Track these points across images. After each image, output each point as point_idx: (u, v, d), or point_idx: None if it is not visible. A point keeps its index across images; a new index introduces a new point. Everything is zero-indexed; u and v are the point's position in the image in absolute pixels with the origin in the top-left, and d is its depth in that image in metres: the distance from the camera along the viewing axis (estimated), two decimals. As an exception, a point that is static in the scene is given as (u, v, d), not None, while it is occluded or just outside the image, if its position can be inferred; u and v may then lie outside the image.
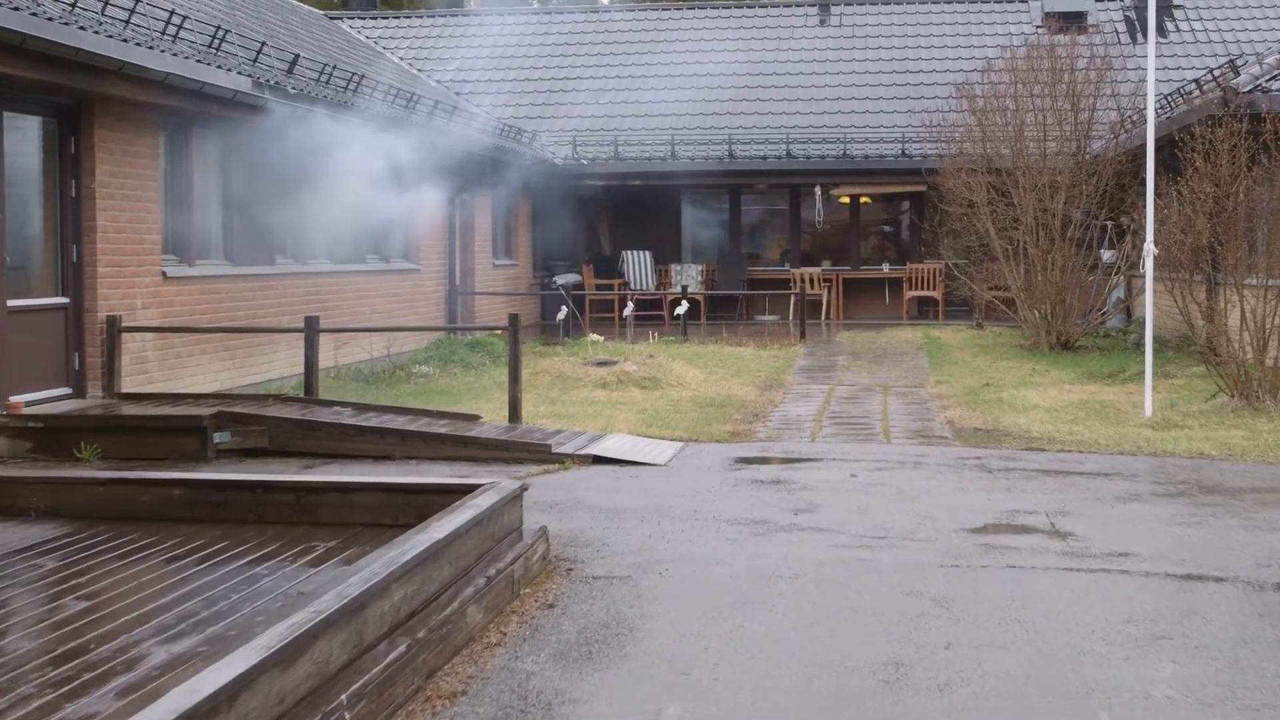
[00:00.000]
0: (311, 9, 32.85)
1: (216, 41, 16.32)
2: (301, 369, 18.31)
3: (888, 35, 34.77)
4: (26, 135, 13.93)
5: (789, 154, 30.67)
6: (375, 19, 37.68)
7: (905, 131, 30.25)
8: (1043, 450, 13.15)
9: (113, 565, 7.44)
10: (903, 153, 30.28)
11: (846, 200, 32.88)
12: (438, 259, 25.05)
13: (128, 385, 14.69)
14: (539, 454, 12.20)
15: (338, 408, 13.74)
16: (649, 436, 13.81)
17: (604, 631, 7.01)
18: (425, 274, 24.34)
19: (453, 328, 19.53)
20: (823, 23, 35.60)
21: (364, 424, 12.57)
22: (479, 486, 8.13)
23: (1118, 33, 33.02)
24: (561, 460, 12.11)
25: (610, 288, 31.26)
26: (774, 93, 32.92)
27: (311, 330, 14.21)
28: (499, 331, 25.17)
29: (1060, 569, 8.34)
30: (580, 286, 30.95)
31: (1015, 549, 8.87)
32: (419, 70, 34.19)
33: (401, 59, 34.71)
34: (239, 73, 16.03)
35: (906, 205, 33.22)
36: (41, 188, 14.07)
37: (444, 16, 37.58)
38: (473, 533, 7.31)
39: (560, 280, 30.42)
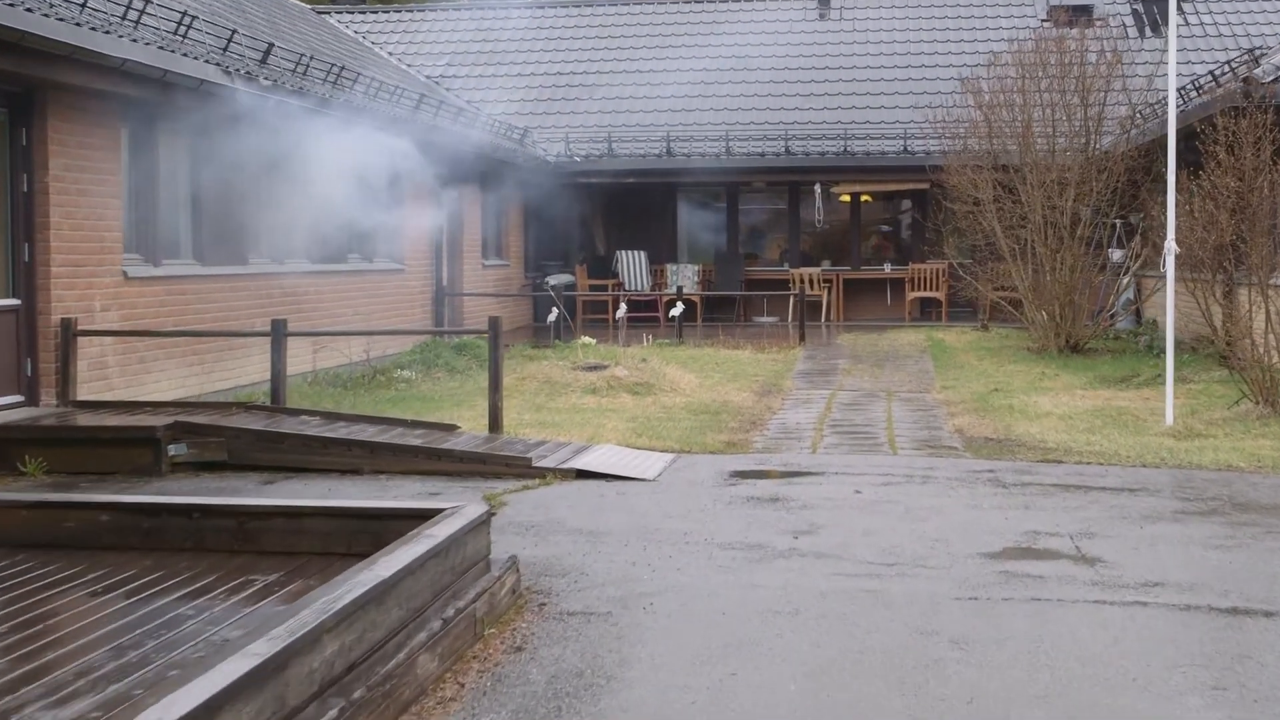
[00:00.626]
0: (299, 2, 31.98)
1: (183, 29, 15.43)
2: (268, 374, 17.56)
3: (889, 28, 33.87)
4: (-28, 126, 13.08)
5: (788, 150, 29.80)
6: (364, 13, 36.80)
7: (908, 127, 29.38)
8: (1060, 463, 12.27)
9: (22, 604, 6.56)
10: (905, 149, 29.41)
11: (847, 198, 32.00)
12: (424, 259, 24.17)
13: (86, 392, 13.81)
14: (518, 468, 11.33)
15: (305, 417, 12.87)
16: (638, 448, 12.93)
17: (577, 682, 6.13)
18: (411, 274, 23.46)
19: (431, 331, 18.67)
20: (822, 16, 34.70)
21: (330, 435, 11.70)
22: (439, 512, 7.26)
23: (1125, 26, 32.12)
24: (543, 475, 11.23)
25: (604, 288, 30.37)
26: (772, 88, 32.02)
27: (278, 334, 13.32)
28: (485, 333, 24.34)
29: (1090, 601, 7.47)
30: (573, 287, 30.07)
31: (1039, 578, 7.99)
32: (408, 65, 33.32)
33: (390, 54, 33.85)
34: (206, 61, 15.14)
35: (909, 203, 32.36)
36: (-9, 182, 13.21)
37: (434, 11, 36.69)
38: (429, 566, 6.45)
39: (553, 281, 29.52)
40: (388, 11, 36.89)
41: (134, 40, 13.59)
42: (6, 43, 11.98)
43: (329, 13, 35.33)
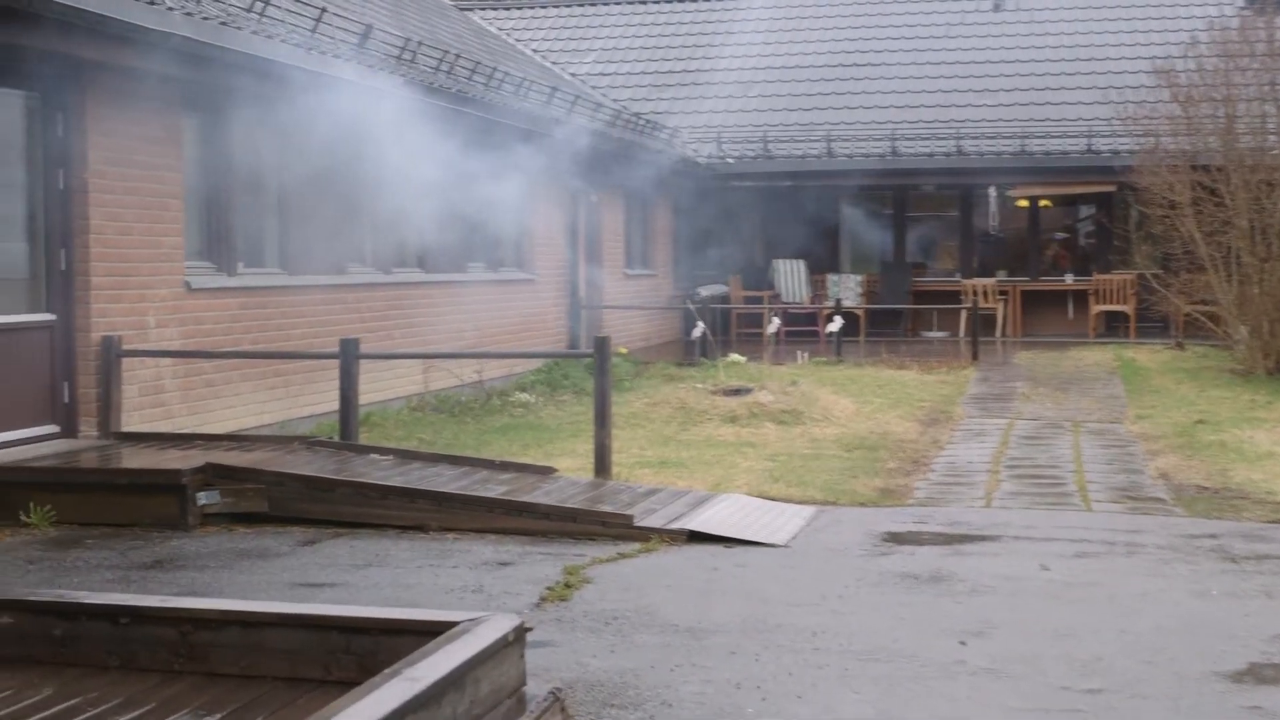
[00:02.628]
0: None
1: (260, 3, 13.49)
2: (376, 397, 15.61)
3: (1070, 17, 31.11)
4: (-2, 112, 11.25)
5: (959, 151, 27.29)
6: (509, 9, 34.97)
7: (1092, 124, 26.73)
8: (1299, 524, 9.81)
9: None
10: (1089, 148, 26.75)
11: (1025, 203, 29.37)
12: (559, 268, 22.12)
13: (139, 421, 11.92)
14: (616, 527, 9.13)
15: (375, 456, 10.82)
16: (773, 497, 10.68)
17: None
18: (543, 285, 21.41)
19: (525, 354, 16.53)
20: (997, 8, 32.09)
21: (389, 484, 9.60)
22: (451, 626, 5.12)
23: (1336, 12, 29.12)
24: (646, 537, 9.02)
25: (759, 300, 28.12)
26: (942, 83, 29.51)
27: (349, 357, 11.29)
28: (622, 349, 22.28)
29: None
30: (726, 299, 27.89)
31: (1310, 722, 5.64)
32: (553, 63, 31.40)
33: (535, 50, 31.97)
34: (284, 41, 13.18)
35: (1093, 208, 29.62)
36: (20, 179, 11.33)
37: (583, 7, 34.75)
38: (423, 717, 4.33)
39: (704, 292, 27.34)
40: (533, 7, 35.03)
41: (186, 14, 11.59)
42: (31, 14, 10.06)
43: (471, 10, 33.60)
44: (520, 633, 5.21)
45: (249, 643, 5.34)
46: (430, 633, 5.15)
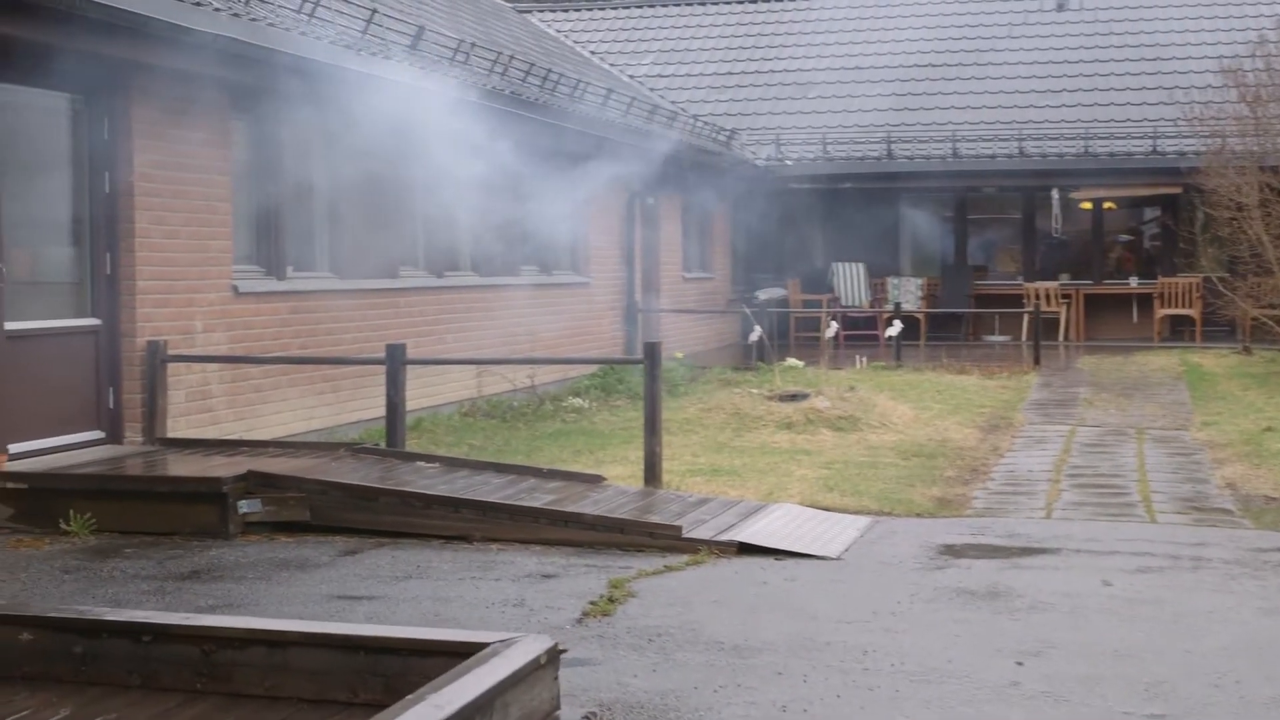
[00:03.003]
0: (501, 2, 30.15)
1: (310, 5, 13.35)
2: (427, 402, 15.45)
3: (1134, 16, 30.64)
4: (43, 114, 11.11)
5: (1021, 152, 26.88)
6: (567, 11, 34.80)
7: (1158, 125, 26.27)
8: (1372, 538, 9.47)
9: None
10: (1154, 149, 26.27)
11: (1088, 205, 28.90)
12: (614, 270, 21.90)
13: (185, 427, 11.79)
14: (664, 539, 8.90)
15: (421, 464, 10.64)
16: (826, 507, 10.44)
17: None
18: (598, 287, 21.20)
19: (572, 360, 16.27)
20: (1060, 7, 31.62)
21: (433, 493, 9.41)
22: (482, 648, 4.91)
23: None
24: (694, 548, 8.79)
25: (818, 304, 27.79)
26: (1004, 84, 29.12)
27: (395, 363, 11.11)
28: (678, 354, 22.05)
29: None
30: (785, 302, 27.60)
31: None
32: (610, 65, 31.20)
33: (593, 53, 31.79)
34: (332, 43, 13.01)
35: (1158, 210, 29.15)
36: (66, 181, 11.22)
37: (640, 8, 34.52)
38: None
39: (763, 295, 27.07)
40: (590, 8, 34.85)
41: (233, 15, 11.44)
42: (74, 15, 9.91)
43: (530, 12, 33.48)
44: (554, 655, 4.99)
45: (273, 663, 5.15)
46: (460, 654, 4.94)
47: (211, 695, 5.19)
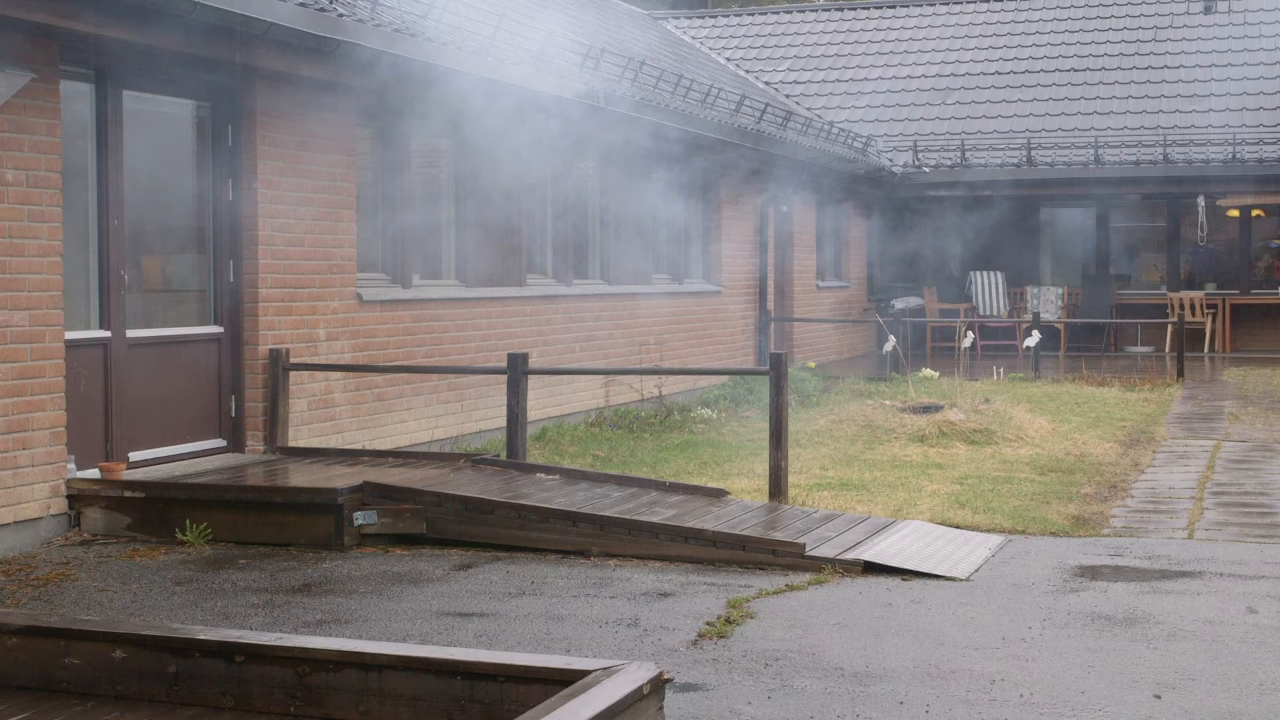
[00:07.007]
0: (629, 5, 30.04)
1: (435, 10, 13.21)
2: (553, 412, 15.33)
3: (1287, 19, 29.80)
4: (165, 122, 11.09)
5: (1166, 158, 26.14)
6: (702, 17, 34.58)
7: (1309, 130, 25.49)
8: None
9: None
10: (1306, 155, 25.49)
11: (1236, 213, 28.07)
12: (746, 279, 21.63)
13: (309, 435, 11.75)
14: (787, 556, 8.63)
15: (541, 475, 10.45)
16: (957, 525, 10.09)
17: None
18: (730, 297, 20.95)
19: (695, 371, 15.92)
20: (1208, 10, 30.80)
21: (550, 506, 9.20)
22: (584, 675, 4.69)
23: None
24: (818, 567, 8.50)
25: (955, 313, 27.29)
26: (1148, 88, 28.41)
27: (516, 373, 10.94)
28: (811, 364, 21.73)
29: None
30: (921, 312, 27.12)
31: None
32: (745, 71, 30.93)
33: (729, 59, 31.53)
34: (460, 49, 12.82)
35: (1310, 218, 28.29)
36: (190, 188, 11.20)
37: (776, 14, 34.20)
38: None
39: (899, 305, 26.60)
40: (725, 15, 34.60)
41: (340, 15, 11.25)
42: (200, 22, 9.81)
43: (665, 19, 33.33)
44: (658, 684, 4.75)
45: (367, 686, 4.96)
46: (560, 681, 4.73)
47: (304, 719, 5.02)
